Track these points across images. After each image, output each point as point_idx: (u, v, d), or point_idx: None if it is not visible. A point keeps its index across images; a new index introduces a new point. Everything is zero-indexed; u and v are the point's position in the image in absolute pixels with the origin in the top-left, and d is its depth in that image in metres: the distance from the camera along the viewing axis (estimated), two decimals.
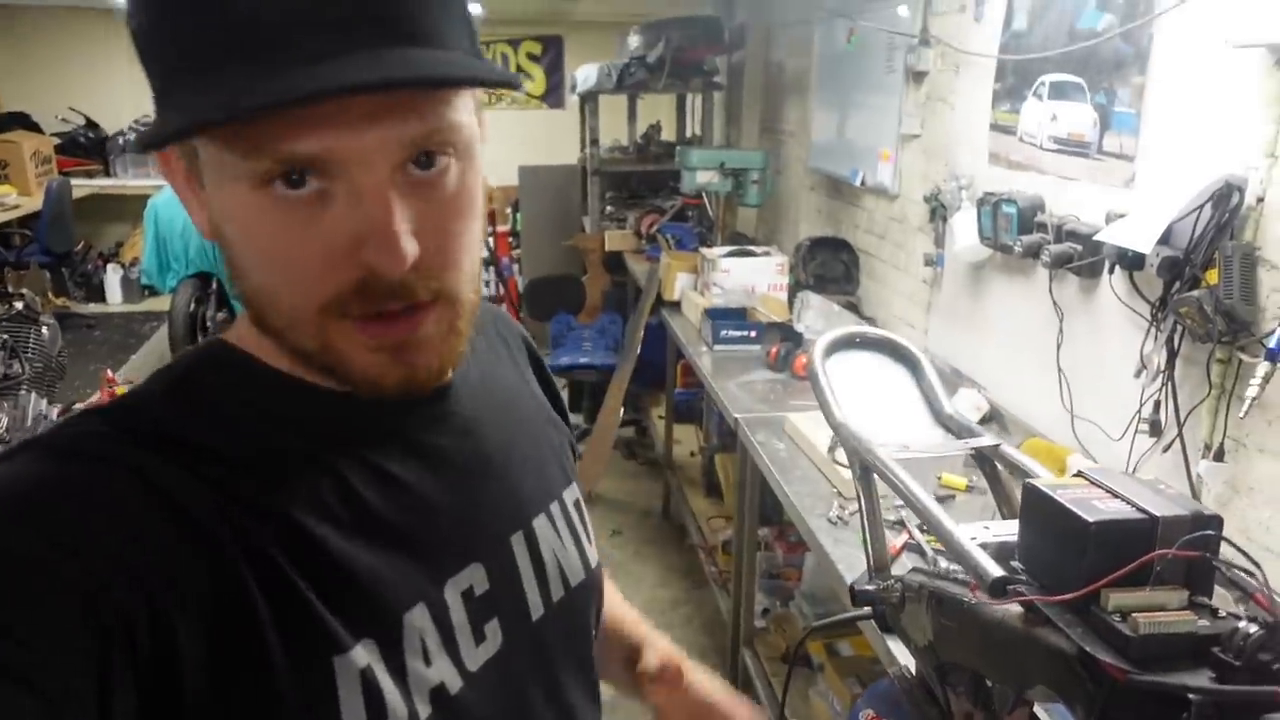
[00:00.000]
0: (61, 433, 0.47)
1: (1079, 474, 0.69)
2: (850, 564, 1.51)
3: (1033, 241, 1.95)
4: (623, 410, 3.53)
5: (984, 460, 1.28)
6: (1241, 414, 1.47)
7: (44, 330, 3.27)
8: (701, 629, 2.87)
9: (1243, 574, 0.58)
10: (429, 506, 0.54)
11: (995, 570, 0.74)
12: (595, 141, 4.01)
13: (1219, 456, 1.54)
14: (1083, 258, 1.82)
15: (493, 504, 0.58)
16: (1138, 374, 1.72)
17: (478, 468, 0.58)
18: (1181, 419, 1.61)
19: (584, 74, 4.06)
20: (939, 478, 1.85)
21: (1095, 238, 1.73)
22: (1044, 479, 0.70)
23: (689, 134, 4.65)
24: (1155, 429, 1.71)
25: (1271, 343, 1.42)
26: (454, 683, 0.52)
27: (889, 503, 1.38)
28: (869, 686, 1.10)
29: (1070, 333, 1.94)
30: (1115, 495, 0.63)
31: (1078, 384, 1.91)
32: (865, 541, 1.12)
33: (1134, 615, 0.55)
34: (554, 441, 0.69)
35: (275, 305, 0.47)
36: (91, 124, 6.36)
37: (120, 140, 6.28)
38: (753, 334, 2.66)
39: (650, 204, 4.09)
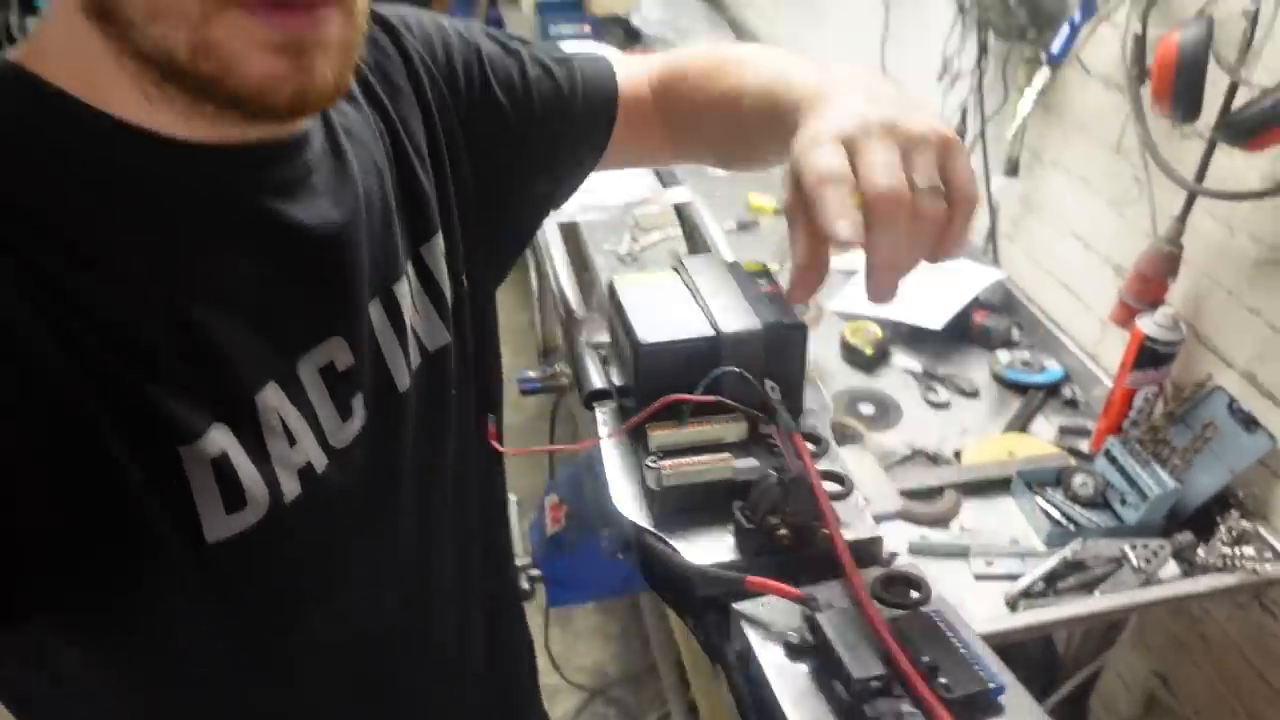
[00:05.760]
0: None
1: (678, 265, 0.61)
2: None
3: None
4: None
5: (682, 215, 1.24)
6: (1010, 133, 1.42)
7: None
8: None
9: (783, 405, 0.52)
10: (278, 280, 0.50)
11: (593, 381, 0.69)
12: None
13: (1013, 171, 1.48)
14: None
15: (349, 270, 0.54)
16: (940, 76, 1.64)
17: (331, 232, 0.52)
18: (983, 128, 1.55)
19: None
20: (748, 197, 1.82)
21: None
22: (634, 275, 0.62)
23: None
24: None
25: (1055, 45, 1.31)
26: (320, 461, 0.51)
27: None
28: (561, 470, 1.13)
29: (896, 27, 1.82)
30: (695, 298, 0.57)
31: (900, 84, 1.83)
32: (535, 323, 1.09)
33: (663, 464, 0.50)
34: (419, 181, 0.62)
35: None
36: None
37: None
38: (586, 29, 2.47)
39: None
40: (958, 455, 1.24)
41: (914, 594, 0.42)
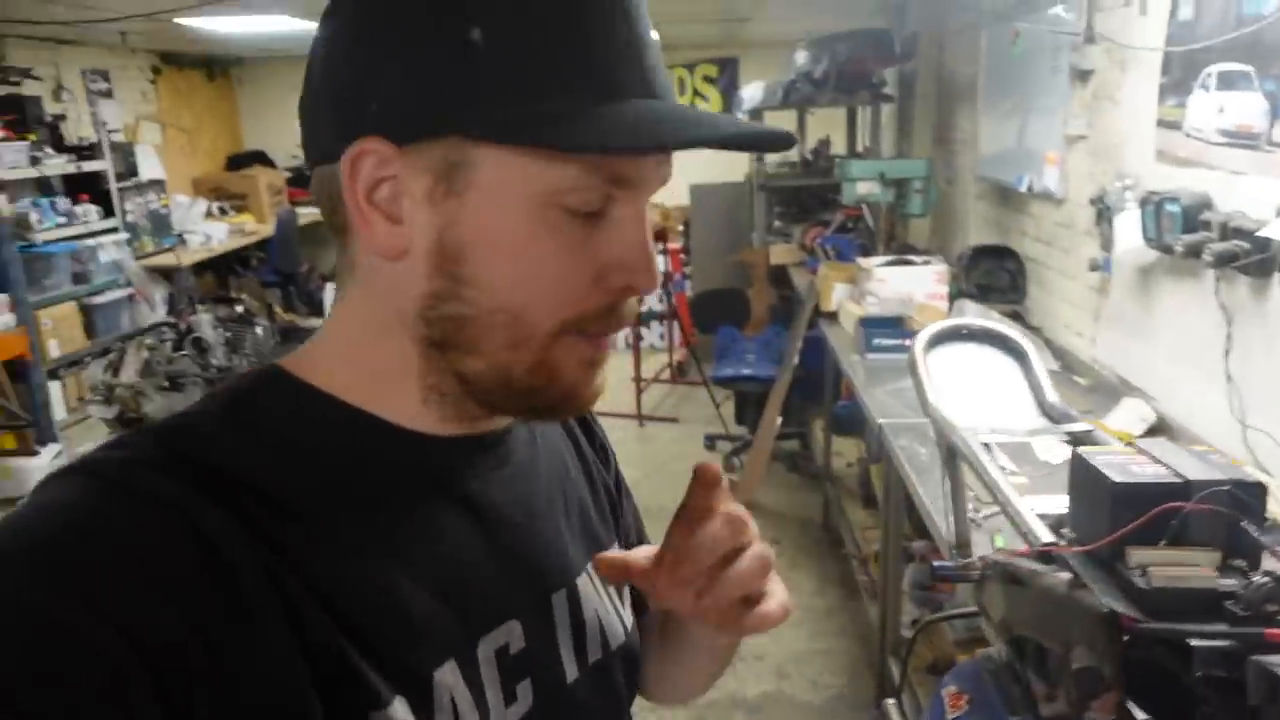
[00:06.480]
0: (110, 457, 0.46)
1: (1129, 443, 0.78)
2: None
3: (1194, 241, 1.94)
4: (782, 422, 3.72)
5: (1079, 444, 1.36)
6: None
7: (258, 330, 3.97)
8: (855, 638, 2.97)
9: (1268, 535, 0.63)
10: (471, 560, 0.54)
11: (1044, 535, 0.86)
12: (761, 158, 4.29)
13: None
14: (1250, 255, 1.81)
15: (535, 559, 0.59)
16: None
17: (524, 521, 0.58)
18: None
19: (750, 92, 4.34)
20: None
21: (1260, 234, 1.75)
22: (1093, 448, 0.77)
23: (859, 147, 4.78)
24: None
25: None
26: None
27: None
28: (955, 666, 1.21)
29: (1240, 337, 1.91)
30: (1157, 461, 0.71)
31: (1249, 392, 1.90)
32: (948, 522, 1.25)
33: (1151, 569, 0.62)
34: (600, 497, 0.69)
35: (511, 324, 0.48)
36: None
37: None
38: (907, 342, 2.76)
39: (817, 218, 4.27)
40: None
41: None
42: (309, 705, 0.44)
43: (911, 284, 2.95)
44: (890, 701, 1.22)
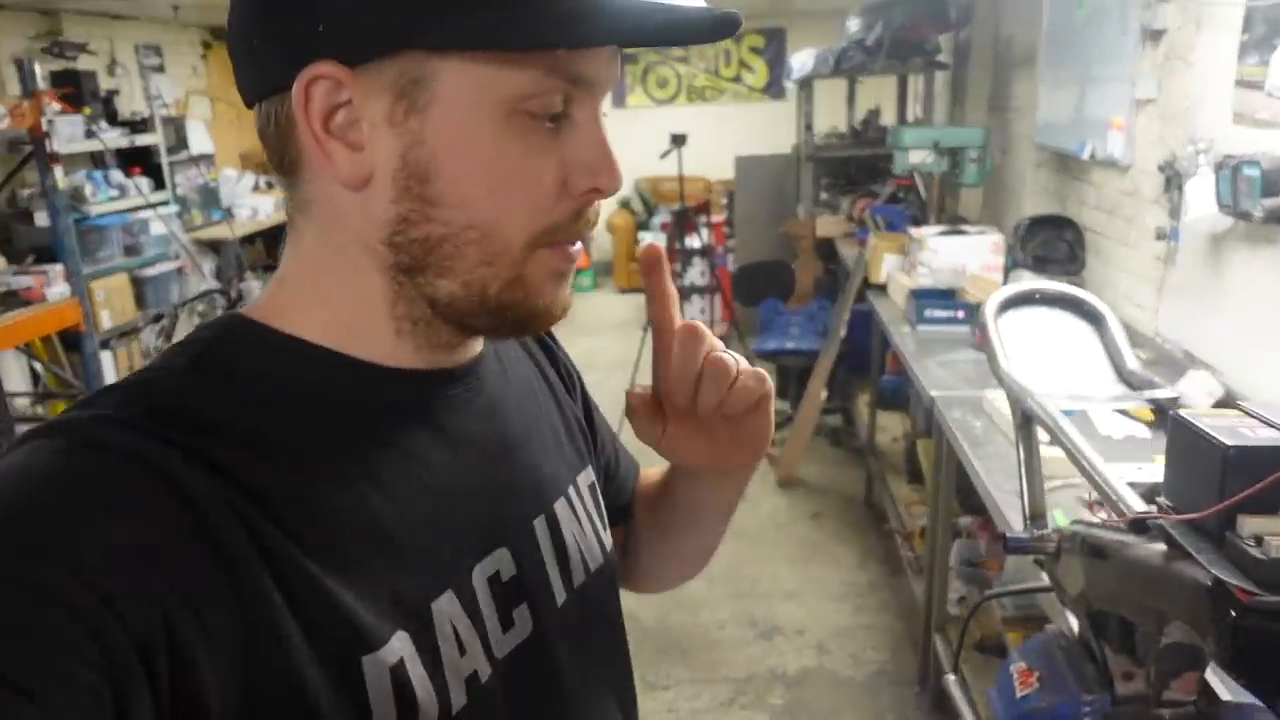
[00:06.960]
0: (79, 416, 0.45)
1: (1236, 405, 0.72)
2: None
3: (1275, 205, 1.86)
4: (826, 397, 3.66)
5: (1165, 411, 1.30)
6: None
7: None
8: (897, 614, 2.92)
9: None
10: (455, 490, 0.54)
11: (1137, 504, 0.80)
12: (809, 128, 4.18)
13: None
14: None
15: (515, 487, 0.59)
16: None
17: (500, 450, 0.59)
18: None
19: (800, 60, 4.23)
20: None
21: None
22: (1193, 410, 0.71)
23: (910, 117, 4.66)
24: None
25: None
26: (485, 670, 0.52)
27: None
28: (1025, 640, 1.16)
29: None
30: (1269, 424, 0.64)
31: None
32: (1022, 491, 1.19)
33: (1269, 539, 0.56)
34: (569, 422, 0.69)
35: (484, 240, 0.48)
36: None
37: None
38: (960, 314, 2.69)
39: (865, 189, 4.17)
40: None
41: None
42: (300, 660, 0.43)
43: (966, 254, 2.86)
44: (950, 677, 1.17)
